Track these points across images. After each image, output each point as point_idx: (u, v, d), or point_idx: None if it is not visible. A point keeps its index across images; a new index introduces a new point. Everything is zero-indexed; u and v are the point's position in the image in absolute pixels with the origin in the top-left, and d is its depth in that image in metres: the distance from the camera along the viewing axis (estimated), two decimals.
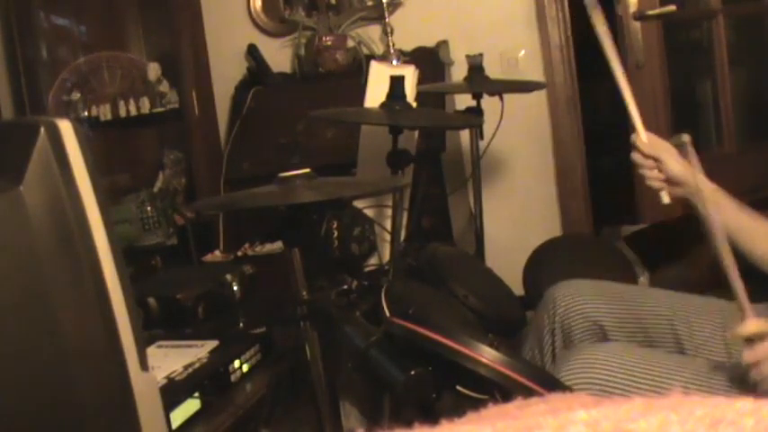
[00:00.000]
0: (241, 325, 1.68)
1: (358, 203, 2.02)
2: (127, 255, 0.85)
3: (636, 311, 1.45)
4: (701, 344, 1.39)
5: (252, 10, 2.98)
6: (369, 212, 2.07)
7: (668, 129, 2.91)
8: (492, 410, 0.42)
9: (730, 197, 1.43)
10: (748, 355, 1.12)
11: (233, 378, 1.46)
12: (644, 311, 1.45)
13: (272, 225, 2.07)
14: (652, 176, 1.46)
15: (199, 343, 1.51)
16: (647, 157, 1.45)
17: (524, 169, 2.87)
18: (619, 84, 1.46)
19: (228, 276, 1.76)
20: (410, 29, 2.80)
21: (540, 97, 2.77)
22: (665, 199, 1.45)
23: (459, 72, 2.61)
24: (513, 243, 2.62)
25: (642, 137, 1.46)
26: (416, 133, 2.19)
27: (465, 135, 2.62)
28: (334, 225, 1.74)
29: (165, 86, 2.93)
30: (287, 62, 2.97)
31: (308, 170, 1.31)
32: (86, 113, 3.00)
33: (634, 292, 1.55)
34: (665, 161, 1.44)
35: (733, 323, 1.38)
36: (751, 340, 1.12)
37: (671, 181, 1.44)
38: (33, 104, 2.92)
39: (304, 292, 1.34)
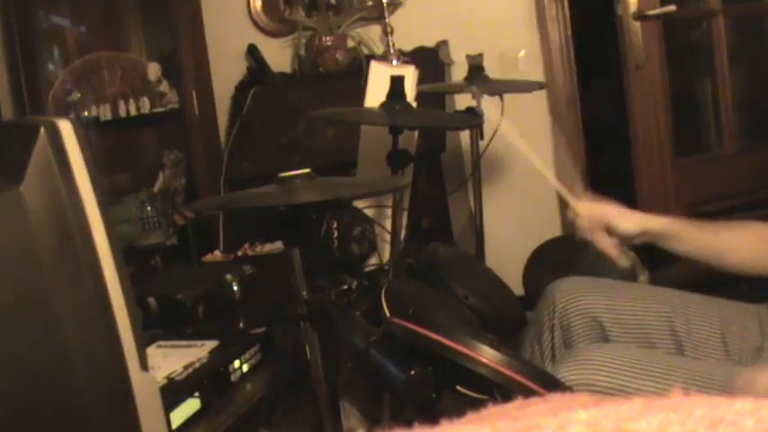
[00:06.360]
0: (241, 325, 1.68)
1: (358, 203, 2.02)
2: (127, 255, 0.85)
3: (635, 308, 1.45)
4: (699, 342, 1.39)
5: (252, 10, 2.98)
6: (369, 212, 2.07)
7: (668, 129, 2.91)
8: (492, 410, 0.42)
9: (687, 222, 1.41)
10: None
11: (233, 378, 1.46)
12: (643, 308, 1.45)
13: (272, 225, 2.07)
14: (605, 245, 1.42)
15: (199, 343, 1.51)
16: (593, 224, 1.42)
17: (524, 169, 2.86)
18: (539, 169, 1.44)
19: (228, 276, 1.76)
20: (410, 29, 2.80)
21: (540, 97, 2.77)
22: (624, 263, 1.42)
23: (459, 72, 2.61)
24: (513, 243, 2.62)
25: (578, 208, 1.43)
26: (416, 133, 2.19)
27: (465, 135, 2.61)
28: (334, 225, 1.74)
29: (165, 86, 2.93)
30: (287, 62, 2.97)
31: (308, 170, 1.31)
32: (86, 113, 3.00)
33: (634, 289, 1.54)
34: (615, 224, 1.40)
35: (731, 324, 1.39)
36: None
37: (628, 240, 1.41)
38: (33, 104, 2.92)
39: (304, 292, 1.34)
